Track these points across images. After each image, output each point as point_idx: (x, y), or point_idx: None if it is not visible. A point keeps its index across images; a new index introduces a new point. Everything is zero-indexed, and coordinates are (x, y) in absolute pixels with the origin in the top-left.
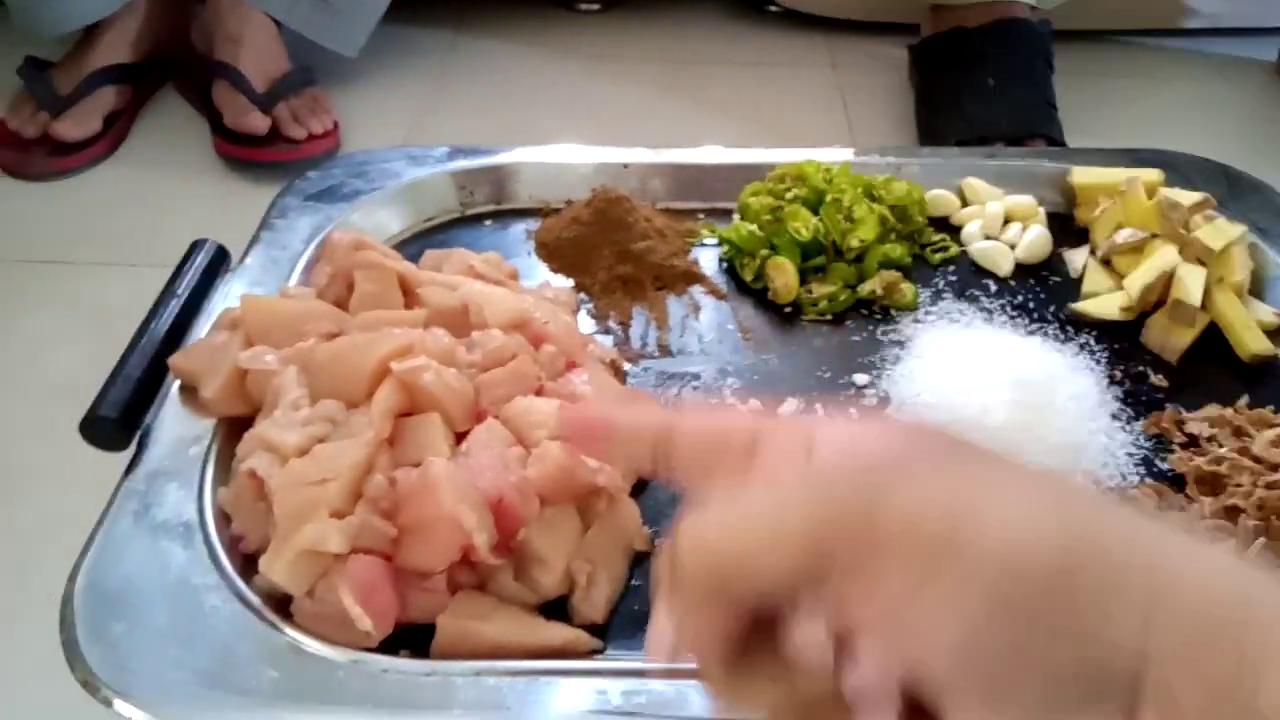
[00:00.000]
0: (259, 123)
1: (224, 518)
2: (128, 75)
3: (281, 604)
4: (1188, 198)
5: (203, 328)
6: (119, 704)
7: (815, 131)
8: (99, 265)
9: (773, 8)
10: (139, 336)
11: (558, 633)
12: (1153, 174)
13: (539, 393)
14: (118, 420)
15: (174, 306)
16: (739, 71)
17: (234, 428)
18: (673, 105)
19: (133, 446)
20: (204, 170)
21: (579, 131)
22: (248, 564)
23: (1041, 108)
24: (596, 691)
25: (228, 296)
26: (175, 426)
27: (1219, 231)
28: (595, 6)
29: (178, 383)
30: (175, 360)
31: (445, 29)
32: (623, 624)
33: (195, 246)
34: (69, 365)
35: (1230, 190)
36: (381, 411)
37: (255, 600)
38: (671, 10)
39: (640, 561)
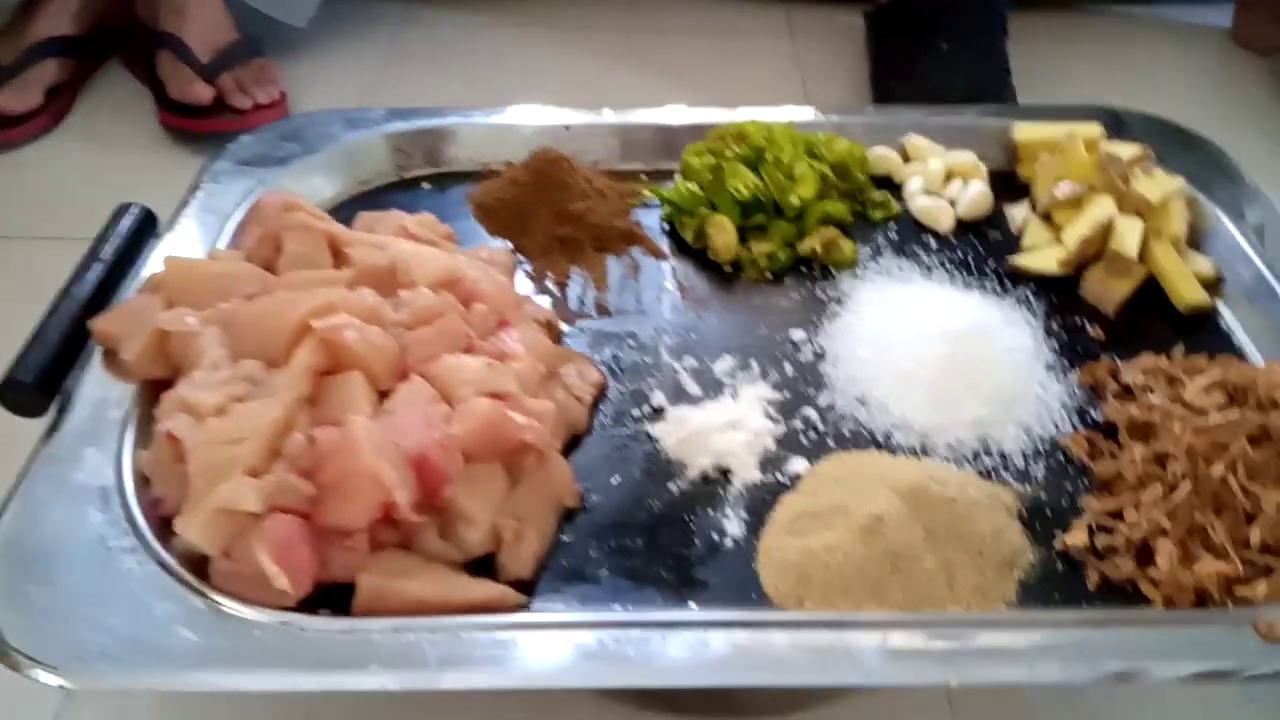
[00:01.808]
0: (202, 93)
1: (144, 481)
2: (71, 48)
3: (200, 566)
4: (1126, 151)
5: (128, 293)
6: (29, 669)
7: (771, 99)
8: (40, 239)
9: None
10: (59, 301)
11: (482, 589)
12: (1092, 128)
13: (468, 351)
14: (34, 384)
15: (98, 270)
16: (697, 40)
17: (156, 391)
18: (630, 75)
19: (52, 412)
20: (149, 143)
21: (535, 102)
22: (166, 527)
23: (995, 73)
24: (520, 645)
25: (155, 261)
26: (96, 390)
27: (1157, 184)
28: None
29: (101, 348)
30: (96, 323)
31: None
32: (551, 580)
33: (121, 210)
34: (3, 337)
35: (1170, 144)
36: (300, 369)
37: (173, 562)
38: None
39: (570, 518)
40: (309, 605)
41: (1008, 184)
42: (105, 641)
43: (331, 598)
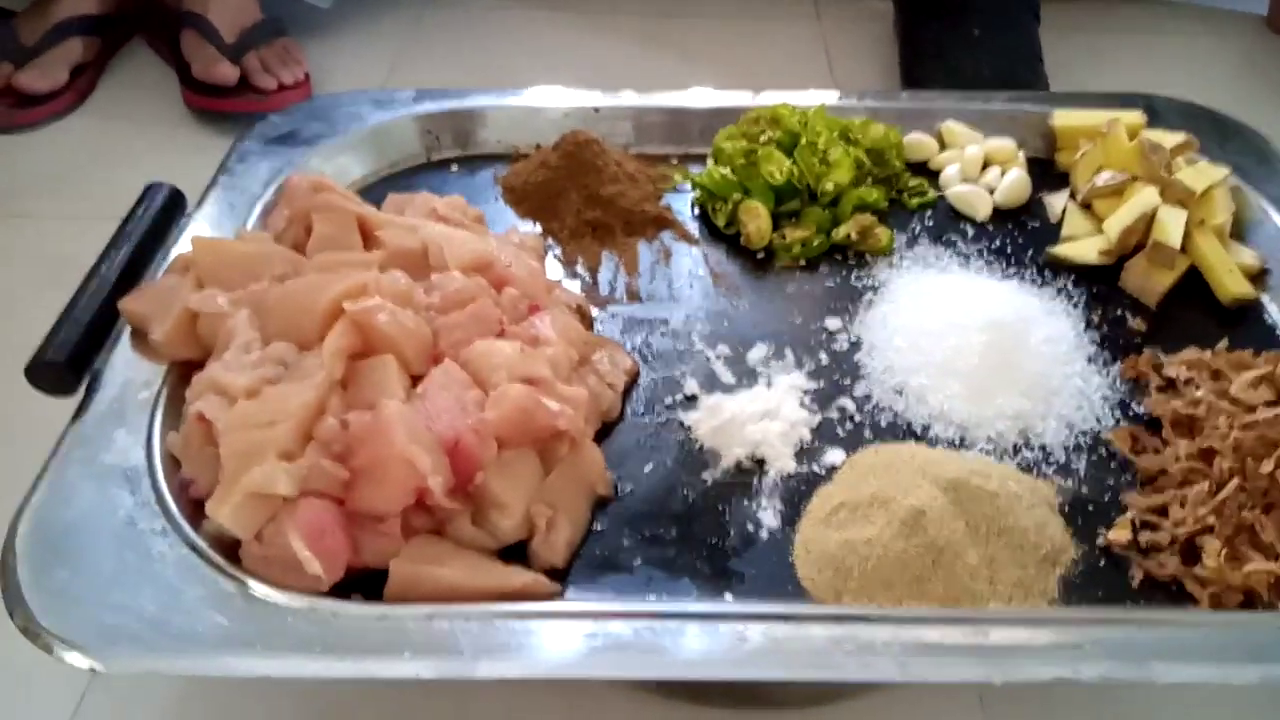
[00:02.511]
0: (228, 73)
1: (173, 462)
2: (95, 26)
3: (231, 549)
4: (1169, 139)
5: (157, 272)
6: (60, 650)
7: (799, 83)
8: (64, 219)
9: None
10: (88, 280)
11: (515, 576)
12: (1134, 116)
13: (500, 336)
14: (64, 364)
15: (126, 250)
16: (723, 24)
17: (186, 372)
18: (655, 57)
19: (81, 391)
20: (173, 122)
21: (558, 84)
22: (197, 509)
23: (1026, 59)
24: (553, 634)
25: (183, 241)
26: (125, 370)
27: (1201, 173)
28: None
29: (130, 327)
30: (125, 303)
31: None
32: (584, 568)
33: (149, 190)
34: (31, 317)
35: (1213, 133)
36: (333, 352)
37: (203, 545)
38: None
39: (603, 507)
40: (341, 591)
41: (1045, 172)
42: (134, 624)
43: (364, 583)
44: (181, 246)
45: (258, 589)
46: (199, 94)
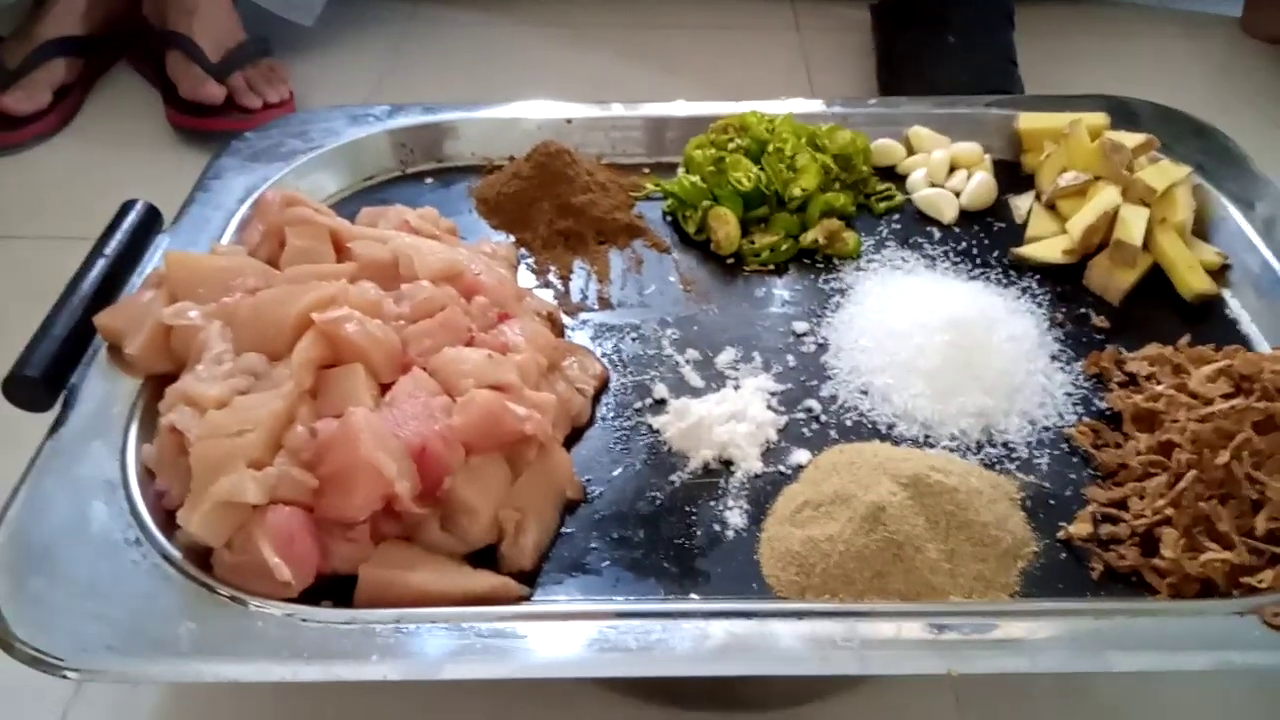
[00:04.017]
0: (214, 92)
1: (148, 474)
2: (79, 48)
3: (203, 557)
4: (1131, 139)
5: (133, 288)
6: (34, 660)
7: (777, 94)
8: (48, 239)
9: None
10: (65, 297)
11: (484, 580)
12: (1097, 117)
13: (469, 344)
14: (40, 380)
15: (102, 266)
16: (703, 35)
17: (161, 386)
18: (636, 70)
19: (58, 406)
20: (157, 143)
21: (543, 97)
22: (171, 520)
23: (1003, 65)
24: (521, 636)
25: (159, 257)
26: (101, 385)
27: (1162, 172)
28: None
29: (105, 343)
30: (100, 318)
31: None
32: (553, 571)
33: (126, 207)
34: (13, 335)
35: (1179, 133)
36: (302, 362)
37: (176, 555)
38: None
39: (572, 510)
40: (311, 597)
41: (1012, 174)
42: (109, 633)
43: (334, 589)
44: (157, 262)
45: (229, 596)
46: (184, 113)
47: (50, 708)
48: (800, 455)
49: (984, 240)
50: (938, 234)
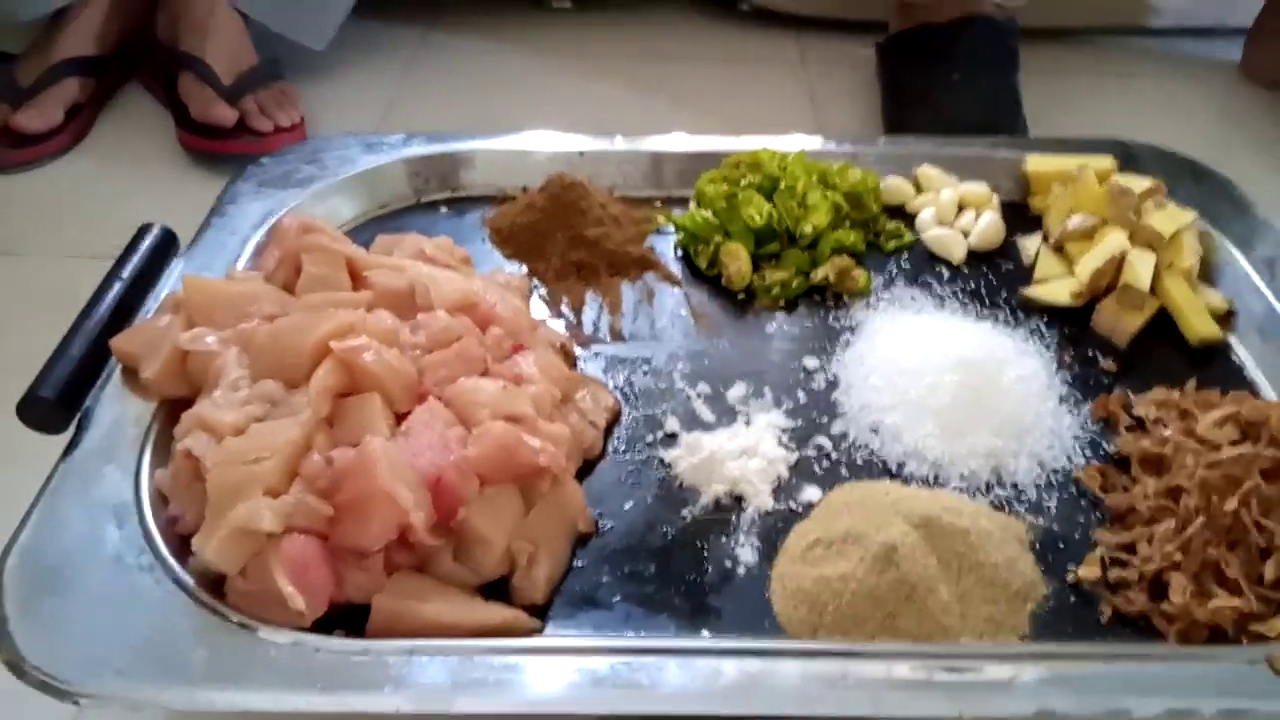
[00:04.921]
0: (226, 114)
1: (161, 499)
2: (91, 67)
3: (216, 584)
4: (1138, 184)
5: (150, 311)
6: (43, 682)
7: (783, 128)
8: (59, 258)
9: (743, 6)
10: (82, 319)
11: (496, 613)
12: (1104, 161)
13: (484, 374)
14: (56, 401)
15: (119, 289)
16: (709, 68)
17: (175, 410)
18: (643, 101)
19: (72, 428)
20: (168, 163)
21: (549, 127)
22: (184, 545)
23: (1007, 104)
24: (532, 670)
25: (175, 280)
26: (116, 408)
27: (1169, 217)
28: (567, 4)
29: (121, 366)
30: (116, 342)
31: (416, 24)
32: (564, 605)
33: (143, 230)
34: (25, 354)
35: (1183, 178)
36: (319, 390)
37: (189, 580)
38: (643, 8)
39: (583, 543)
40: (324, 626)
41: (1020, 215)
42: (119, 658)
43: (347, 619)
44: (173, 286)
45: (242, 623)
46: (195, 135)
47: None
48: (811, 492)
49: (992, 280)
50: (947, 273)
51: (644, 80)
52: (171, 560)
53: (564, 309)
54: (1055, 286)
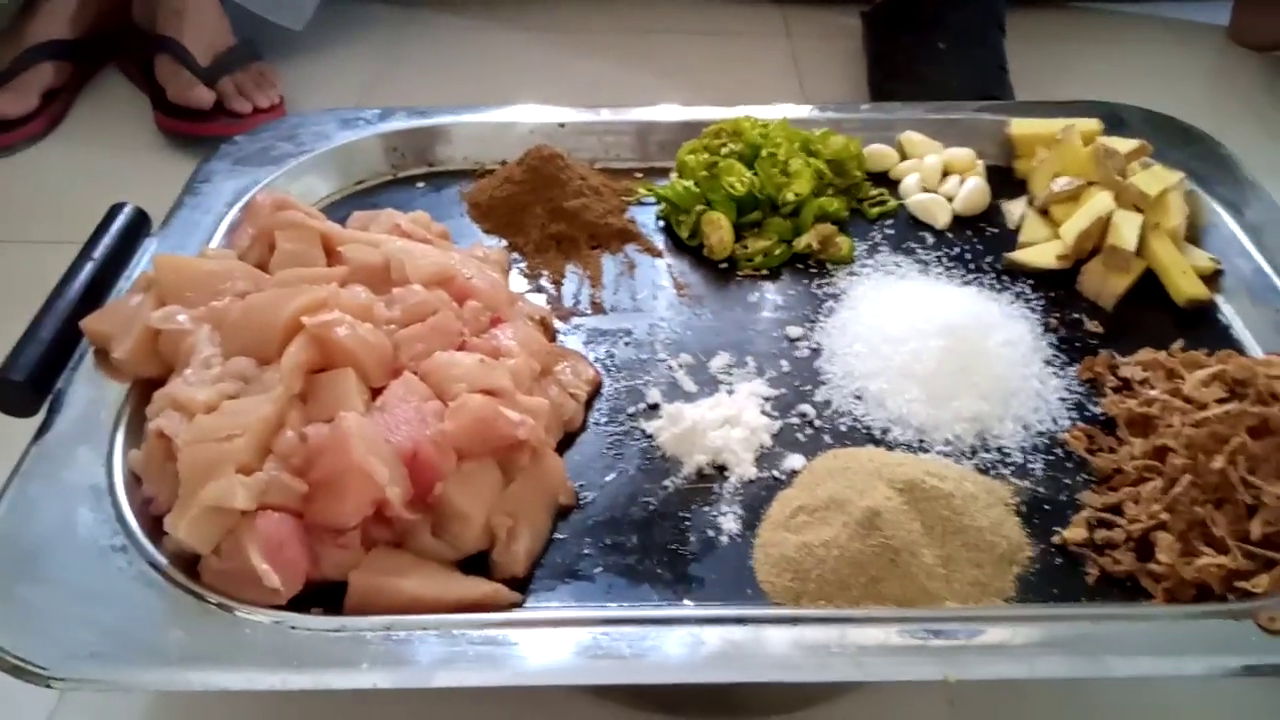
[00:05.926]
0: (204, 96)
1: (135, 480)
2: (67, 51)
3: (190, 564)
4: (1124, 145)
5: (121, 292)
6: (18, 667)
7: (769, 99)
8: (36, 243)
9: None
10: (52, 300)
11: (476, 587)
12: (1090, 123)
13: (461, 348)
14: (26, 384)
15: (89, 270)
16: (694, 40)
17: (148, 390)
18: (628, 76)
19: (44, 411)
20: (145, 147)
21: (534, 101)
22: (158, 526)
23: (993, 71)
24: (513, 643)
25: (147, 260)
26: (88, 390)
27: (1155, 178)
28: None
29: (93, 347)
30: (87, 322)
31: (396, 2)
32: (545, 577)
33: (114, 210)
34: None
35: (1169, 139)
36: (291, 366)
37: (163, 561)
38: None
39: (565, 516)
40: (300, 603)
41: (1005, 179)
42: (95, 640)
43: (323, 596)
44: (145, 266)
45: (217, 603)
46: (173, 117)
47: (34, 713)
48: (794, 460)
49: (977, 245)
50: (931, 239)
51: (628, 53)
52: (146, 542)
53: (544, 282)
54: (1041, 250)
